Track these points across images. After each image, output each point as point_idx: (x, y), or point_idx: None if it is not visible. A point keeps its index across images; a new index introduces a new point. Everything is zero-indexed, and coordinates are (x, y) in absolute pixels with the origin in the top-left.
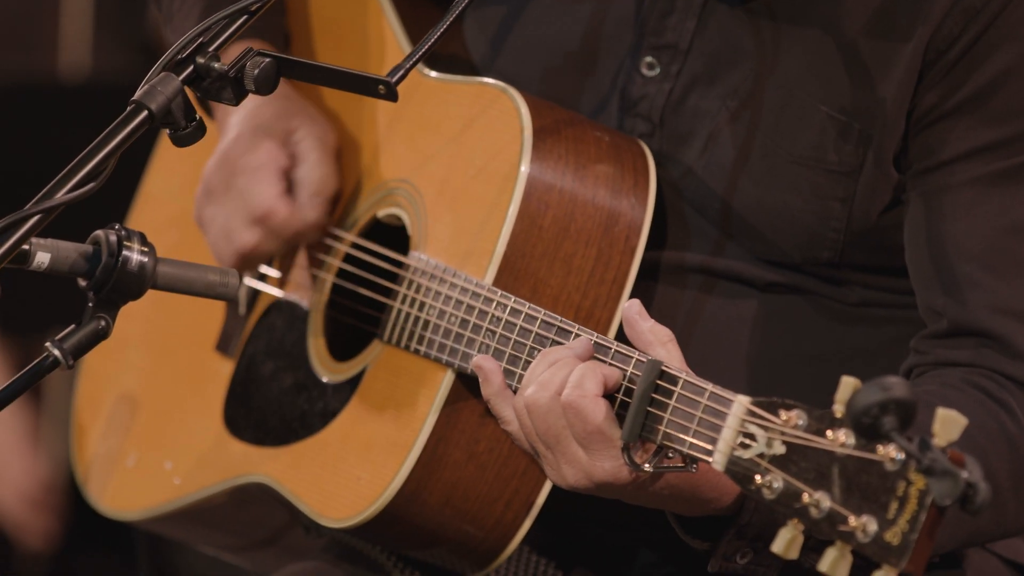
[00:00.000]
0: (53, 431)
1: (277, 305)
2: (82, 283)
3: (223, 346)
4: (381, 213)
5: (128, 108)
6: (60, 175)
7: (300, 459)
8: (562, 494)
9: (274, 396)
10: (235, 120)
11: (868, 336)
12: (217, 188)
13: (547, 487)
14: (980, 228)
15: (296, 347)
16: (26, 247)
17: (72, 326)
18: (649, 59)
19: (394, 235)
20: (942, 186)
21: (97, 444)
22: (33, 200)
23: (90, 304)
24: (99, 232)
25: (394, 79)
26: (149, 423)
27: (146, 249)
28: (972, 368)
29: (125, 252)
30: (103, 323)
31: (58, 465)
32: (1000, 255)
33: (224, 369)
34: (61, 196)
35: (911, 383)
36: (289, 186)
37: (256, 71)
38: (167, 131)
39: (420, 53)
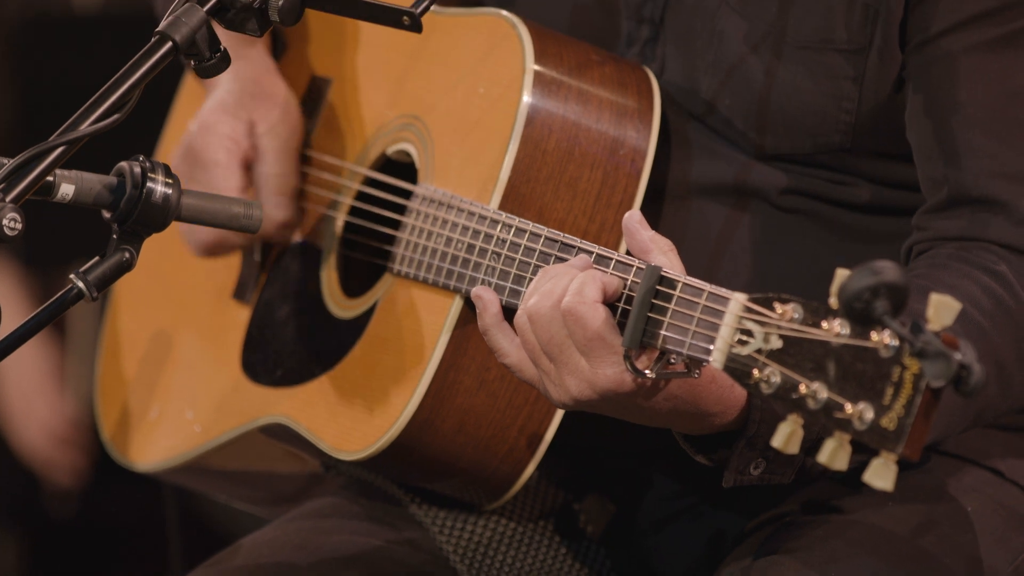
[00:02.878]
0: (77, 367)
1: (291, 249)
2: (106, 215)
3: (240, 294)
4: (390, 150)
5: (152, 39)
6: (85, 106)
7: (315, 396)
8: (574, 423)
9: (290, 338)
10: (202, 107)
11: (877, 254)
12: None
13: (559, 414)
14: (980, 95)
15: (310, 288)
16: (50, 179)
17: (96, 258)
18: None
19: (404, 172)
20: (940, 56)
21: (122, 404)
22: (57, 131)
23: (114, 236)
24: (123, 164)
25: (419, 10)
26: (170, 376)
27: (170, 181)
28: (968, 241)
29: (149, 184)
30: (127, 255)
31: (83, 402)
32: (1000, 121)
33: (241, 316)
34: (85, 128)
35: (906, 266)
36: (251, 179)
37: (280, 2)
38: (191, 62)
39: None
